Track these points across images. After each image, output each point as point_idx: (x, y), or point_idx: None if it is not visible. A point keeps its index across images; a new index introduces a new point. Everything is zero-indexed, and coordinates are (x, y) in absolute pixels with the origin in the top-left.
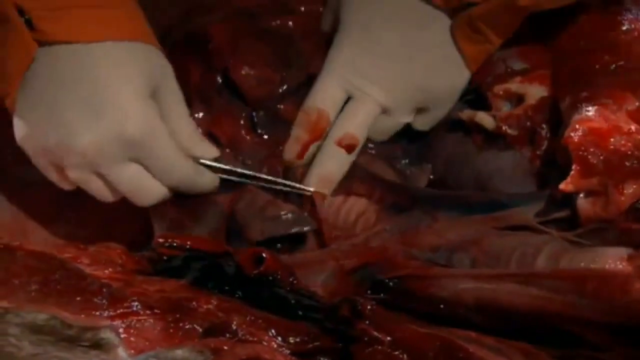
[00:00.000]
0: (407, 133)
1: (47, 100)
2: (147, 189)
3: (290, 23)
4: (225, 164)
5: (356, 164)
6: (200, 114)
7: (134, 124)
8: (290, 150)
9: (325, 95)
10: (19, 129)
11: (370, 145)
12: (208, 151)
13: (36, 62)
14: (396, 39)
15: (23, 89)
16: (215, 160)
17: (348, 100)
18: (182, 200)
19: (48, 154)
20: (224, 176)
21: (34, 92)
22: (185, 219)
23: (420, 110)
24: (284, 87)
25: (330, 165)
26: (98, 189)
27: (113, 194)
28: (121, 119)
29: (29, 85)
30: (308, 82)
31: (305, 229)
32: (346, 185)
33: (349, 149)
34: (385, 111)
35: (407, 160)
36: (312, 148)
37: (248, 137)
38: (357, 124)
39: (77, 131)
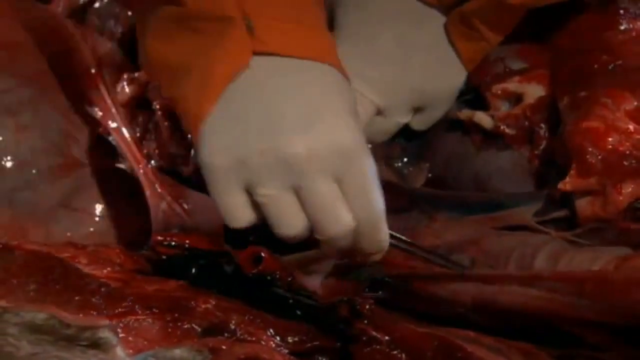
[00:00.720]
0: (405, 132)
1: (257, 108)
2: (337, 215)
3: None
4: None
5: None
6: None
7: (347, 135)
8: None
9: None
10: (213, 139)
11: (368, 145)
12: None
13: (248, 69)
14: (391, 39)
15: (226, 96)
16: None
17: None
18: (181, 199)
19: (244, 168)
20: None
21: (240, 100)
22: (184, 218)
23: (417, 111)
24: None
25: None
26: (286, 213)
27: (301, 220)
28: (336, 128)
29: (234, 91)
30: None
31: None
32: None
33: None
34: (381, 112)
35: (405, 160)
36: None
37: None
38: None
39: (292, 135)
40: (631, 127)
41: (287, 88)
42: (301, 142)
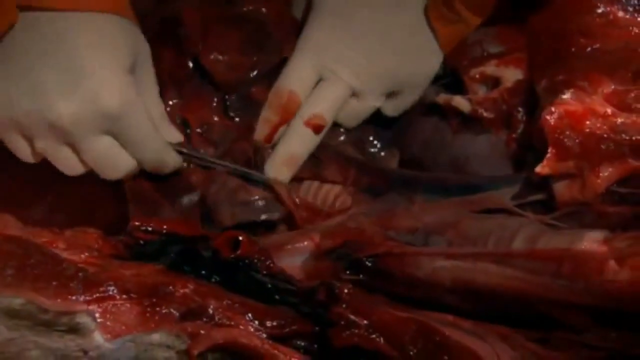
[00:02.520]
0: (380, 117)
1: (23, 67)
2: (117, 162)
3: (264, 9)
4: (190, 149)
5: (327, 146)
6: (172, 99)
7: (113, 96)
8: (260, 132)
9: (296, 76)
10: None
11: (342, 128)
12: (174, 136)
13: (15, 28)
14: (368, 22)
15: None
16: (180, 145)
17: (319, 82)
18: (158, 184)
19: (17, 124)
20: (186, 153)
21: (8, 59)
22: (161, 203)
23: (390, 95)
24: (255, 72)
25: (296, 145)
26: (66, 161)
27: (80, 166)
28: (100, 91)
29: (3, 52)
30: (280, 66)
31: (275, 216)
32: (318, 168)
33: (317, 129)
34: (355, 94)
35: (378, 145)
36: (280, 131)
37: (219, 121)
38: (326, 105)
39: (53, 99)
40: (609, 110)
41: (49, 44)
42: (63, 108)
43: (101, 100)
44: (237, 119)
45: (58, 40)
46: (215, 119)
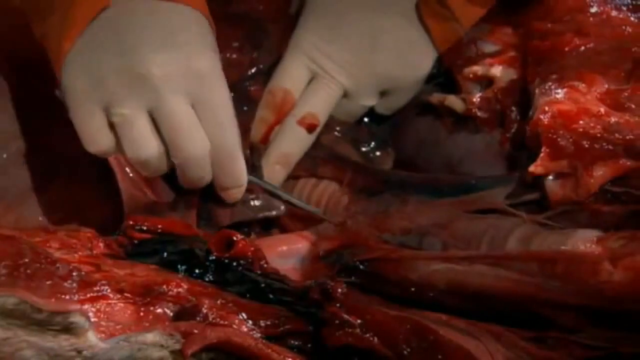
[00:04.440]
0: (374, 116)
1: (116, 34)
2: (193, 137)
3: (261, 7)
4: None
5: (322, 145)
6: None
7: (204, 59)
8: (256, 133)
9: (290, 74)
10: (73, 67)
11: (337, 127)
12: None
13: (108, 10)
14: (361, 21)
15: (87, 33)
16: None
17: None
18: (153, 183)
19: (101, 87)
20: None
21: (99, 34)
22: (156, 201)
23: (383, 94)
24: (254, 70)
25: (290, 144)
26: (140, 133)
27: (153, 143)
28: (192, 52)
29: (94, 27)
30: (277, 64)
31: (274, 214)
32: (313, 167)
33: (310, 128)
34: (348, 93)
35: (372, 144)
36: (275, 130)
37: None
38: (319, 104)
39: (144, 54)
40: (602, 109)
41: (145, 19)
42: (156, 61)
43: (192, 59)
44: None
45: (152, 16)
46: None
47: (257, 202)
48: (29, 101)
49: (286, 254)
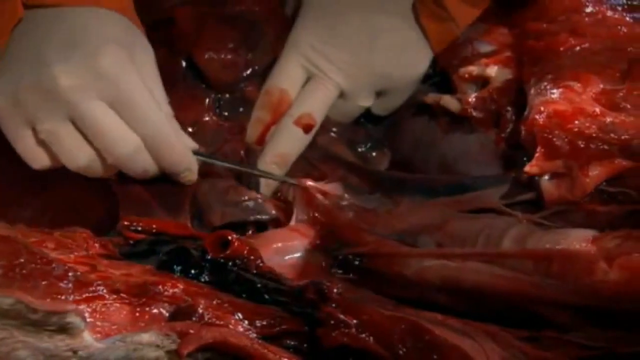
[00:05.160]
0: (370, 116)
1: (29, 48)
2: (118, 136)
3: (257, 8)
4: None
5: (317, 145)
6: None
7: (106, 56)
8: (252, 133)
9: (286, 74)
10: None
11: (333, 128)
12: (186, 142)
13: (23, 23)
14: (357, 21)
15: (7, 48)
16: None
17: (308, 81)
18: (148, 183)
19: (20, 106)
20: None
21: (13, 49)
22: (151, 202)
23: (380, 94)
24: (249, 71)
25: (287, 144)
26: (70, 144)
27: (85, 150)
28: (95, 52)
29: (9, 45)
30: (273, 65)
31: (265, 217)
32: (309, 167)
33: (306, 128)
34: (344, 94)
35: (369, 145)
36: (272, 130)
37: (212, 121)
38: (315, 105)
39: (50, 67)
40: (597, 109)
41: (52, 29)
42: (62, 72)
43: (95, 60)
44: (229, 119)
45: (62, 23)
46: (208, 118)
47: (249, 204)
48: None
49: (281, 251)
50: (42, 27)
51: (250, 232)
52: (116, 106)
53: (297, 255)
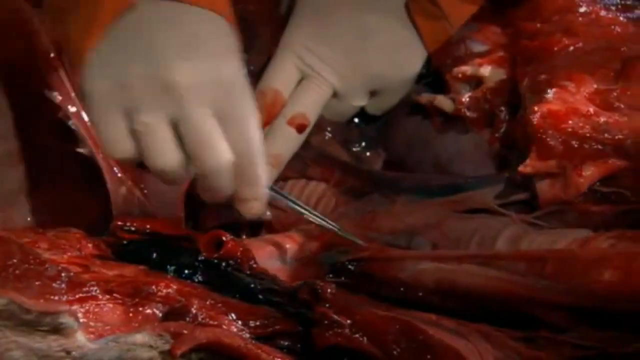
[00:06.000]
0: (365, 116)
1: (142, 35)
2: (214, 148)
3: (251, 8)
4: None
5: (311, 145)
6: None
7: (231, 70)
8: None
9: (280, 75)
10: (96, 68)
11: (327, 128)
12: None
13: (135, 11)
14: (351, 21)
15: (111, 32)
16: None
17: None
18: (141, 183)
19: (124, 93)
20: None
21: (124, 34)
22: (144, 202)
23: (373, 94)
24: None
25: (281, 145)
26: (162, 144)
27: (175, 154)
28: (220, 61)
29: (119, 27)
30: (267, 64)
31: (260, 218)
32: (302, 167)
33: (300, 128)
34: (338, 93)
35: (363, 144)
36: (266, 130)
37: None
38: (308, 104)
39: (171, 61)
40: (591, 109)
41: (172, 23)
42: (183, 70)
43: (220, 70)
44: None
45: (179, 21)
46: None
47: None
48: (16, 102)
49: (274, 255)
50: (157, 19)
51: (243, 234)
52: (222, 117)
53: (290, 259)
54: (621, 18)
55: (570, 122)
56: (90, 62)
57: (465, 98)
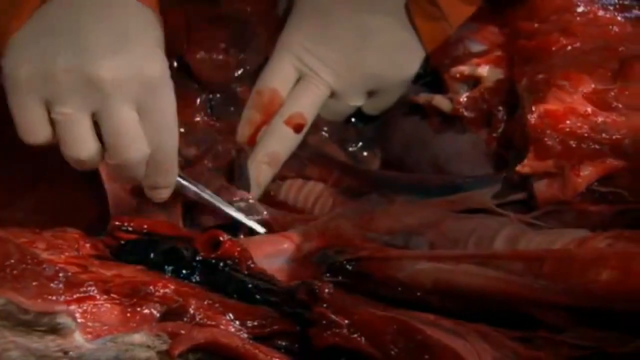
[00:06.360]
0: (362, 115)
1: (68, 24)
2: (133, 143)
3: (249, 8)
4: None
5: (309, 145)
6: None
7: (156, 66)
8: (243, 133)
9: (277, 74)
10: (19, 52)
11: (324, 127)
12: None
13: None
14: (349, 21)
15: (36, 16)
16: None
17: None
18: (138, 183)
19: (46, 82)
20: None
21: (53, 17)
22: (142, 202)
23: (371, 94)
24: (241, 71)
25: (277, 144)
26: (80, 135)
27: (91, 145)
28: (145, 58)
29: (45, 11)
30: (265, 65)
31: (256, 217)
32: (300, 167)
33: (297, 128)
34: (335, 93)
35: (360, 144)
36: (262, 130)
37: (203, 121)
38: (306, 104)
39: (97, 57)
40: (589, 109)
41: (98, 12)
42: (108, 66)
43: (145, 67)
44: (221, 120)
45: (109, 11)
46: (199, 118)
47: (240, 205)
48: None
49: (272, 255)
50: (86, 9)
51: (241, 234)
52: (144, 112)
53: (287, 259)
54: (619, 18)
55: (568, 122)
56: (13, 45)
57: (463, 98)
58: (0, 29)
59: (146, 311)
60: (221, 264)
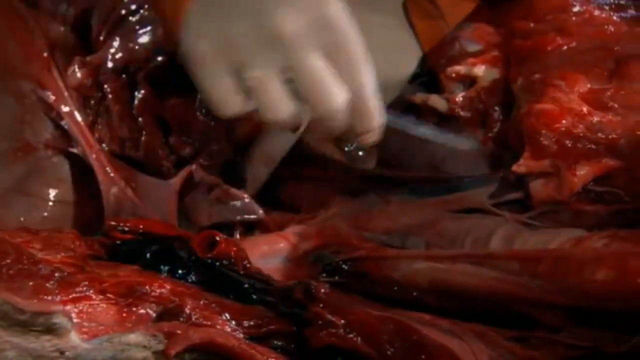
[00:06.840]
0: None
1: None
2: (330, 89)
3: None
4: None
5: (306, 144)
6: (152, 97)
7: (332, 7)
8: (240, 131)
9: None
10: (196, 27)
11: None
12: None
13: None
14: None
15: None
16: None
17: None
18: (133, 183)
19: (230, 50)
20: None
21: None
22: (137, 202)
23: None
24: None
25: (274, 142)
26: (277, 95)
27: (290, 104)
28: (320, 5)
29: None
30: None
31: (252, 217)
32: (297, 167)
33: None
34: None
35: (357, 144)
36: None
37: (200, 120)
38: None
39: (277, 15)
40: (585, 109)
41: None
42: (286, 19)
43: (321, 9)
44: (218, 119)
45: None
46: (195, 118)
47: (236, 204)
48: (11, 101)
49: (268, 254)
50: None
51: (237, 232)
52: (334, 56)
53: (284, 259)
54: (615, 17)
55: (563, 121)
56: (187, 24)
57: (459, 98)
58: (171, 14)
59: (142, 311)
60: (217, 264)
